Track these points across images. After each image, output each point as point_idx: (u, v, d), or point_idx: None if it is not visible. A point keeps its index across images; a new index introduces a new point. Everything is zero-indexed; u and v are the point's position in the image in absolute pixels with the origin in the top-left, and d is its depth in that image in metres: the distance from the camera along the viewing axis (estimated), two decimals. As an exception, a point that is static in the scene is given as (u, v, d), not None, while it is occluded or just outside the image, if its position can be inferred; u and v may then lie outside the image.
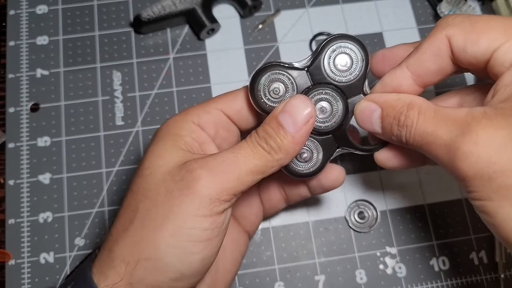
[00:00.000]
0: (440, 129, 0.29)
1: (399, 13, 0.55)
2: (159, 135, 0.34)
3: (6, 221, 0.46)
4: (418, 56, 0.33)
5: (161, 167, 0.31)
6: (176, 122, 0.34)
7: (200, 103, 0.35)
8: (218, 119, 0.35)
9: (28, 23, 0.53)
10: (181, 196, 0.29)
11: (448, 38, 0.31)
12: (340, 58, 0.34)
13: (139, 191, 0.31)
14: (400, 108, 0.31)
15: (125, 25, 0.53)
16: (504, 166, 0.26)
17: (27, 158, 0.48)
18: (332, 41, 0.34)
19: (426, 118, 0.30)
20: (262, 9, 0.54)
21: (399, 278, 0.46)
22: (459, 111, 0.29)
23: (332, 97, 0.34)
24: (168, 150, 0.32)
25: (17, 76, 0.51)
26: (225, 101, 0.35)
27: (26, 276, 0.45)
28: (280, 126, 0.31)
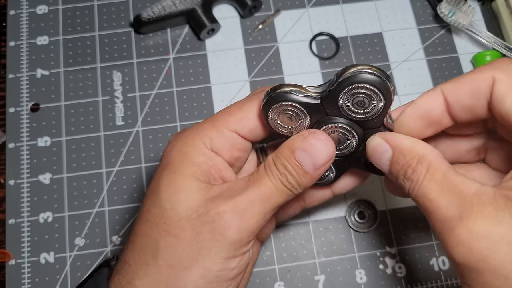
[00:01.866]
0: (441, 200, 0.26)
1: (399, 13, 0.55)
2: (171, 160, 0.31)
3: (7, 221, 0.46)
4: (456, 86, 0.29)
5: (183, 202, 0.30)
6: (187, 145, 0.32)
7: (209, 120, 0.33)
8: (233, 141, 0.33)
9: (28, 23, 0.53)
10: (211, 240, 0.29)
11: (493, 81, 0.28)
12: (359, 98, 0.30)
13: (159, 224, 0.30)
14: (410, 160, 0.29)
15: (125, 25, 0.53)
16: (495, 267, 0.24)
17: (27, 158, 0.48)
18: (352, 80, 0.29)
19: (433, 179, 0.27)
20: (262, 9, 0.54)
21: (399, 278, 0.46)
22: (469, 185, 0.26)
23: (348, 131, 0.32)
24: (188, 183, 0.30)
25: (17, 76, 0.51)
26: (236, 120, 0.32)
27: (26, 276, 0.45)
28: (299, 165, 0.31)
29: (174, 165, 0.31)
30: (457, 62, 0.53)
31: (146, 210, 0.31)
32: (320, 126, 0.32)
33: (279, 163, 0.31)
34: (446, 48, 0.53)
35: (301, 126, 0.32)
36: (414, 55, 0.53)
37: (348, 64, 0.52)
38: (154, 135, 0.49)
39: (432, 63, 0.53)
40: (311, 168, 0.31)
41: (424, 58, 0.53)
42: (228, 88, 0.51)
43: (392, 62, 0.53)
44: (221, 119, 0.32)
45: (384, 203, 0.48)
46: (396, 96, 0.51)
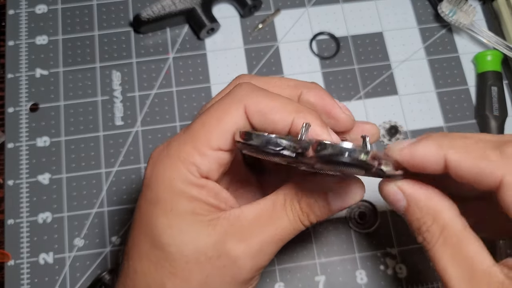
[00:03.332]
0: (453, 270, 0.25)
1: (400, 13, 0.55)
2: (161, 196, 0.28)
3: (5, 221, 0.46)
4: (461, 163, 0.26)
5: (189, 245, 0.28)
6: (174, 179, 0.28)
7: (188, 139, 0.29)
8: (219, 160, 0.29)
9: (27, 23, 0.53)
10: (222, 283, 0.28)
11: (501, 182, 0.25)
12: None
13: (164, 266, 0.28)
14: (425, 216, 0.27)
15: (125, 25, 0.53)
16: None
17: (26, 158, 0.48)
18: (328, 159, 0.26)
19: (446, 244, 0.26)
20: (262, 8, 0.54)
21: (400, 279, 0.46)
22: (480, 259, 0.25)
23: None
24: (190, 223, 0.28)
25: (16, 76, 0.51)
26: (218, 137, 0.29)
27: (25, 277, 0.44)
28: (327, 205, 0.29)
29: (167, 203, 0.28)
30: (458, 61, 0.53)
31: (145, 250, 0.29)
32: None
33: (304, 203, 0.29)
34: (447, 47, 0.53)
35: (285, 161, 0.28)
36: (414, 54, 0.53)
37: (349, 64, 0.52)
38: (154, 135, 0.49)
39: (432, 63, 0.53)
40: (337, 209, 0.30)
41: (424, 58, 0.53)
42: (228, 88, 0.51)
43: (392, 62, 0.53)
44: (201, 138, 0.29)
45: (384, 204, 0.48)
46: (396, 96, 0.51)
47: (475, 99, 0.52)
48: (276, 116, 0.28)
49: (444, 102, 0.51)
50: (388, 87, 0.52)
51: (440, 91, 0.52)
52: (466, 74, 0.52)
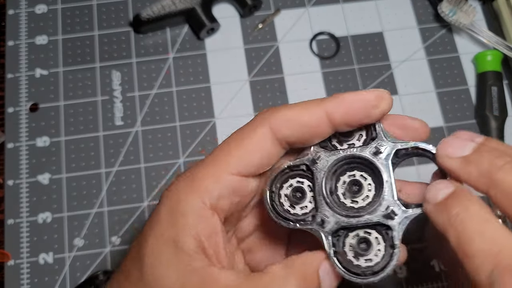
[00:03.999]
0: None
1: (400, 13, 0.55)
2: (160, 217, 0.27)
3: (5, 221, 0.46)
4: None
5: (158, 282, 0.26)
6: (182, 202, 0.27)
7: (209, 164, 0.27)
8: (233, 185, 0.27)
9: (27, 23, 0.53)
10: None
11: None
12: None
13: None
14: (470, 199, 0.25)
15: (125, 25, 0.53)
16: None
17: (26, 158, 0.48)
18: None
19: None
20: (262, 8, 0.54)
21: (400, 279, 0.46)
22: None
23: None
24: (170, 258, 0.26)
25: (16, 76, 0.51)
26: (238, 159, 0.27)
27: (25, 277, 0.44)
28: (316, 282, 0.27)
29: (162, 225, 0.27)
30: (458, 62, 0.53)
31: (127, 268, 0.28)
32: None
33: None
34: (447, 47, 0.53)
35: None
36: (414, 54, 0.53)
37: (349, 64, 0.52)
38: (154, 135, 0.49)
39: (433, 63, 0.53)
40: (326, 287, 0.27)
41: (425, 58, 0.53)
42: (228, 88, 0.51)
43: (392, 62, 0.53)
44: (220, 161, 0.27)
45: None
46: (396, 96, 0.51)
47: (475, 99, 0.52)
48: (304, 117, 0.27)
49: (444, 102, 0.51)
50: (388, 87, 0.52)
51: (440, 91, 0.52)
52: (466, 74, 0.52)
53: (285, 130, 0.27)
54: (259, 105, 0.51)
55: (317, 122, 0.27)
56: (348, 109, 0.27)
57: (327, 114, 0.27)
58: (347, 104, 0.27)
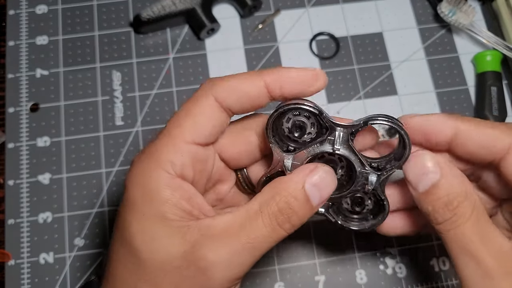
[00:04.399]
0: (484, 249, 0.26)
1: (399, 13, 0.55)
2: (135, 200, 0.28)
3: (6, 221, 0.46)
4: (471, 133, 0.28)
5: (160, 252, 0.27)
6: (149, 179, 0.28)
7: (164, 136, 0.29)
8: (192, 153, 0.29)
9: (27, 23, 0.53)
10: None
11: (509, 148, 0.28)
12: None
13: (138, 272, 0.28)
14: (459, 193, 0.27)
15: (125, 25, 0.53)
16: None
17: (26, 158, 0.48)
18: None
19: (479, 222, 0.27)
20: (262, 9, 0.54)
21: (399, 279, 0.46)
22: (504, 240, 0.27)
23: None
24: (161, 228, 0.27)
25: (16, 76, 0.51)
26: (190, 128, 0.29)
27: (25, 277, 0.45)
28: (308, 201, 0.28)
29: (139, 207, 0.28)
30: (458, 62, 0.53)
31: (121, 255, 0.28)
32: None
33: (282, 201, 0.28)
34: (446, 48, 0.53)
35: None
36: (414, 55, 0.53)
37: (348, 64, 0.52)
38: (154, 135, 0.49)
39: (432, 63, 0.53)
40: (317, 201, 0.28)
41: (424, 58, 0.53)
42: (228, 88, 0.51)
43: (392, 62, 0.53)
44: (175, 133, 0.29)
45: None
46: (396, 96, 0.51)
47: (474, 99, 0.52)
48: (245, 87, 0.29)
49: (443, 102, 0.51)
50: (388, 87, 0.52)
51: (440, 91, 0.52)
52: (466, 74, 0.53)
53: (228, 99, 0.29)
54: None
55: (257, 92, 0.29)
56: (285, 83, 0.29)
57: (266, 86, 0.29)
58: (285, 79, 0.29)
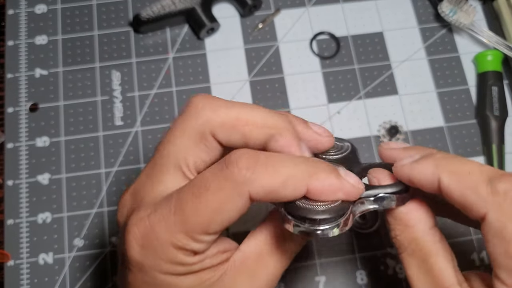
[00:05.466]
0: (418, 281, 0.27)
1: (400, 13, 0.55)
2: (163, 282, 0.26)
3: (5, 221, 0.46)
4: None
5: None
6: (170, 266, 0.26)
7: (175, 221, 0.25)
8: (215, 238, 0.27)
9: (27, 23, 0.53)
10: None
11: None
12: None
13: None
14: (396, 226, 0.29)
15: (125, 25, 0.53)
16: None
17: (26, 159, 0.48)
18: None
19: (414, 255, 0.28)
20: (262, 8, 0.54)
21: (400, 279, 0.45)
22: (447, 278, 0.26)
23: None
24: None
25: (16, 76, 0.51)
26: (214, 221, 0.25)
27: (25, 277, 0.44)
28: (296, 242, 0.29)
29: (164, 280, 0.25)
30: (458, 61, 0.53)
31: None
32: None
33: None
34: (447, 47, 0.53)
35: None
36: (415, 54, 0.53)
37: (349, 64, 0.52)
38: (154, 135, 0.49)
39: (433, 63, 0.53)
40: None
41: (425, 58, 0.53)
42: (228, 88, 0.51)
43: (392, 62, 0.53)
44: (194, 225, 0.24)
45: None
46: (396, 96, 0.51)
47: (475, 99, 0.51)
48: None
49: (444, 102, 0.51)
50: (388, 87, 0.52)
51: (441, 91, 0.52)
52: (467, 74, 0.52)
53: (261, 196, 0.25)
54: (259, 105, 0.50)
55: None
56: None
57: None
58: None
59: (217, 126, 0.27)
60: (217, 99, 0.27)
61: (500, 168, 0.48)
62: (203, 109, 0.27)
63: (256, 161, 0.24)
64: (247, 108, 0.27)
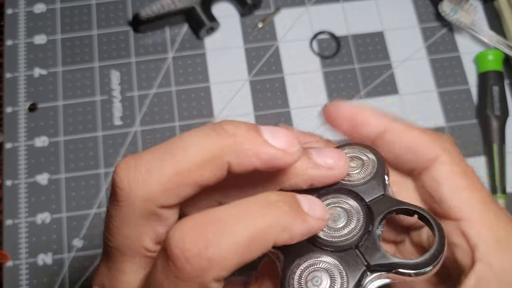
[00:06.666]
0: None
1: (400, 12, 0.54)
2: None
3: (4, 222, 0.46)
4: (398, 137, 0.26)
5: None
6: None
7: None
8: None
9: (26, 22, 0.52)
10: None
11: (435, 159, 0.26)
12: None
13: None
14: None
15: (124, 24, 0.53)
16: None
17: (25, 159, 0.48)
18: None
19: None
20: (262, 7, 0.54)
21: (400, 280, 0.45)
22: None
23: (345, 201, 0.23)
24: None
25: (15, 76, 0.50)
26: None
27: (24, 278, 0.44)
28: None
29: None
30: (459, 61, 0.53)
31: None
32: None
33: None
34: (447, 47, 0.53)
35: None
36: (415, 54, 0.53)
37: (349, 63, 0.52)
38: (153, 135, 0.49)
39: (434, 62, 0.52)
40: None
41: (425, 57, 0.53)
42: (227, 88, 0.51)
43: (393, 61, 0.52)
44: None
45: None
46: (397, 96, 0.51)
47: (476, 98, 0.51)
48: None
49: (445, 102, 0.51)
50: (389, 86, 0.51)
51: (441, 91, 0.51)
52: (467, 74, 0.52)
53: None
54: (259, 105, 0.50)
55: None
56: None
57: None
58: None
59: (160, 197, 0.21)
60: (140, 159, 0.21)
61: (501, 168, 0.48)
62: (131, 187, 0.21)
63: (204, 235, 0.19)
64: (179, 152, 0.20)
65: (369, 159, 0.25)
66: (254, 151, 0.20)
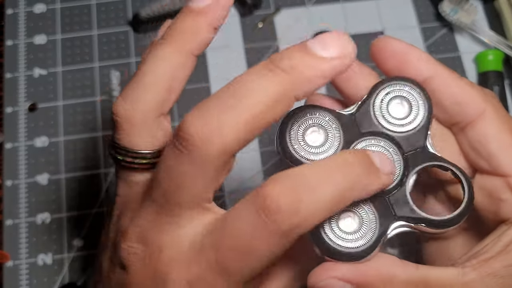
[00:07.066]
0: None
1: (400, 12, 0.54)
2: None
3: (4, 222, 0.46)
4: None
5: None
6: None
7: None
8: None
9: (26, 22, 0.52)
10: None
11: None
12: (395, 103, 0.25)
13: None
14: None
15: (124, 24, 0.53)
16: None
17: (25, 159, 0.48)
18: (384, 83, 0.25)
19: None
20: (262, 7, 0.54)
21: (400, 280, 0.45)
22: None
23: (386, 150, 0.24)
24: None
25: (15, 76, 0.50)
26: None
27: (24, 278, 0.44)
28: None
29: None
30: (459, 61, 0.53)
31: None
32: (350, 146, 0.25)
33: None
34: (448, 47, 0.53)
35: (331, 148, 0.25)
36: (415, 54, 0.53)
37: (349, 63, 0.52)
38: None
39: (433, 62, 0.52)
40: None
41: (425, 57, 0.53)
42: (227, 88, 0.51)
43: (393, 61, 0.52)
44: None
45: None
46: (397, 96, 0.51)
47: (476, 98, 0.51)
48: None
49: (445, 102, 0.51)
50: (389, 86, 0.51)
51: (441, 91, 0.51)
52: (468, 74, 0.52)
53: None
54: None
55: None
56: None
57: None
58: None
59: (235, 146, 0.21)
60: (208, 109, 0.21)
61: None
62: (206, 137, 0.20)
63: (296, 188, 0.20)
64: (247, 99, 0.21)
65: (417, 102, 0.25)
66: (316, 74, 0.21)
